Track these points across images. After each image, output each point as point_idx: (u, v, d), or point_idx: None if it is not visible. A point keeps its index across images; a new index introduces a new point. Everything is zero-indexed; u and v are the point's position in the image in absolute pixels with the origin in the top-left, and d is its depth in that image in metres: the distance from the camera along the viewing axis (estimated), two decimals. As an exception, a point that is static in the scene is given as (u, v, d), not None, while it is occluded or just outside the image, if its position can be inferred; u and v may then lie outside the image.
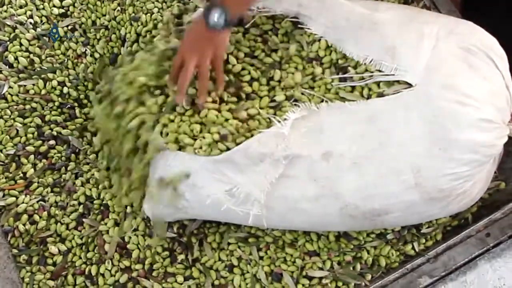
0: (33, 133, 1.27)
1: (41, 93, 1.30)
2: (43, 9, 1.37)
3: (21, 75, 1.30)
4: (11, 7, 1.36)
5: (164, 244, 1.16)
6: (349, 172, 0.99)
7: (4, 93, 1.28)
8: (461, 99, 0.95)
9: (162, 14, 1.30)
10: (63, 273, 1.16)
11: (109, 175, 1.22)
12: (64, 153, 1.26)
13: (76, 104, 1.31)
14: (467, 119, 0.95)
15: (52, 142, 1.26)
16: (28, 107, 1.29)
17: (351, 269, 1.12)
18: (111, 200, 1.21)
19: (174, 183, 1.07)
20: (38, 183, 1.23)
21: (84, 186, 1.23)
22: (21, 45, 1.33)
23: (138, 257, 1.16)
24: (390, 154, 0.98)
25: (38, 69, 1.32)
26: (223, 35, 1.04)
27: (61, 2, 1.38)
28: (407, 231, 1.14)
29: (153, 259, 1.15)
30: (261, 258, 1.14)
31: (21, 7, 1.37)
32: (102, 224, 1.19)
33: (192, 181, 1.05)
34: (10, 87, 1.29)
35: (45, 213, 1.20)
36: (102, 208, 1.21)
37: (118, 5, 1.37)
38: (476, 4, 1.35)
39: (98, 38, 1.36)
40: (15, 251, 1.17)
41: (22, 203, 1.20)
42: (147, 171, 1.12)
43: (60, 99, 1.31)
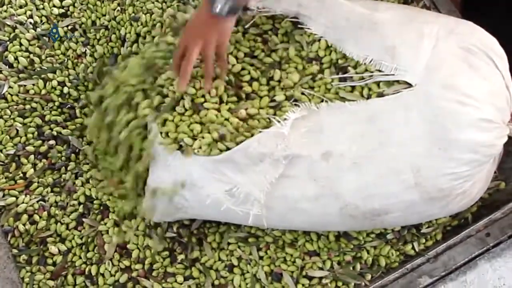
0: (33, 133, 1.27)
1: (41, 93, 1.30)
2: (43, 9, 1.37)
3: (21, 75, 1.30)
4: (11, 7, 1.36)
5: (164, 244, 1.16)
6: (349, 172, 0.99)
7: (4, 93, 1.28)
8: (461, 99, 0.95)
9: (162, 14, 1.30)
10: (63, 273, 1.16)
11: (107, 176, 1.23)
12: (64, 153, 1.26)
13: (76, 104, 1.31)
14: (467, 119, 0.95)
15: (52, 142, 1.27)
16: (28, 107, 1.29)
17: (351, 269, 1.12)
18: (109, 200, 1.21)
19: (169, 194, 1.07)
20: (38, 183, 1.23)
21: (84, 186, 1.23)
22: (21, 45, 1.33)
23: (138, 257, 1.16)
24: (390, 154, 0.98)
25: (38, 69, 1.32)
26: (228, 22, 1.02)
27: (61, 2, 1.38)
28: (407, 231, 1.14)
29: (153, 259, 1.15)
30: (261, 258, 1.14)
31: (21, 7, 1.37)
32: (102, 224, 1.19)
33: (192, 181, 1.05)
34: (10, 87, 1.29)
35: (45, 213, 1.20)
36: (102, 208, 1.21)
37: (118, 5, 1.37)
38: (476, 4, 1.35)
39: (98, 38, 1.36)
40: (15, 251, 1.17)
41: (22, 203, 1.20)
42: (143, 176, 1.12)
43: (60, 99, 1.31)
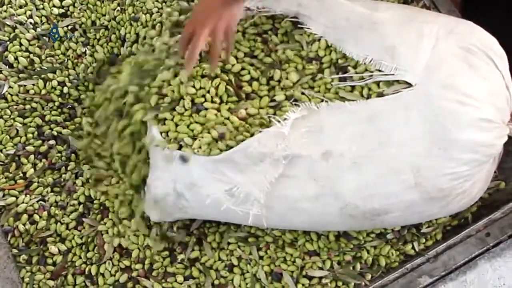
0: (33, 133, 1.27)
1: (41, 93, 1.30)
2: (43, 9, 1.37)
3: (21, 75, 1.30)
4: (11, 7, 1.36)
5: (164, 244, 1.16)
6: (349, 171, 0.99)
7: (4, 93, 1.28)
8: (461, 98, 0.95)
9: (162, 14, 1.30)
10: (63, 273, 1.16)
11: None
12: (64, 153, 1.26)
13: (76, 104, 1.31)
14: (467, 119, 0.95)
15: (52, 142, 1.27)
16: (28, 107, 1.29)
17: (351, 268, 1.12)
18: (108, 200, 1.21)
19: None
20: (38, 183, 1.23)
21: (84, 186, 1.23)
22: (21, 45, 1.33)
23: (138, 256, 1.16)
24: (390, 154, 0.98)
25: (38, 69, 1.32)
26: (236, 8, 1.03)
27: (61, 2, 1.38)
28: (407, 230, 1.14)
29: (153, 259, 1.15)
30: (261, 257, 1.14)
31: (21, 7, 1.37)
32: (102, 224, 1.19)
33: (191, 180, 1.05)
34: (10, 87, 1.29)
35: (45, 213, 1.20)
36: (102, 208, 1.21)
37: (118, 5, 1.37)
38: (476, 4, 1.35)
39: (98, 38, 1.36)
40: (15, 251, 1.17)
41: (22, 203, 1.20)
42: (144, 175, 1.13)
43: (60, 99, 1.31)
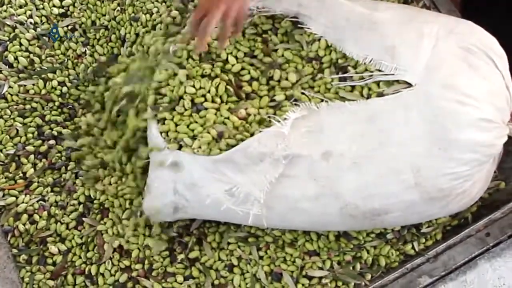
0: (33, 133, 1.27)
1: (41, 93, 1.30)
2: (43, 9, 1.37)
3: (21, 75, 1.30)
4: (11, 7, 1.36)
5: (164, 244, 1.16)
6: (349, 171, 0.99)
7: (4, 93, 1.28)
8: (460, 98, 0.95)
9: (161, 14, 1.30)
10: (63, 273, 1.16)
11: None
12: (64, 153, 1.26)
13: (76, 104, 1.31)
14: (466, 119, 0.95)
15: (52, 142, 1.27)
16: (28, 107, 1.29)
17: (351, 268, 1.11)
18: (107, 200, 1.21)
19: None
20: (38, 182, 1.23)
21: (84, 186, 1.23)
22: (21, 45, 1.33)
23: (138, 256, 1.16)
24: (390, 154, 0.98)
25: (38, 69, 1.32)
26: None
27: (61, 2, 1.38)
28: (407, 230, 1.14)
29: (152, 259, 1.15)
30: (261, 257, 1.14)
31: (21, 7, 1.37)
32: (102, 224, 1.19)
33: (192, 180, 1.05)
34: (10, 87, 1.29)
35: (45, 212, 1.20)
36: (102, 207, 1.21)
37: (118, 5, 1.37)
38: (476, 4, 1.35)
39: (98, 38, 1.36)
40: (15, 251, 1.17)
41: (22, 203, 1.20)
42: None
43: (60, 99, 1.31)
